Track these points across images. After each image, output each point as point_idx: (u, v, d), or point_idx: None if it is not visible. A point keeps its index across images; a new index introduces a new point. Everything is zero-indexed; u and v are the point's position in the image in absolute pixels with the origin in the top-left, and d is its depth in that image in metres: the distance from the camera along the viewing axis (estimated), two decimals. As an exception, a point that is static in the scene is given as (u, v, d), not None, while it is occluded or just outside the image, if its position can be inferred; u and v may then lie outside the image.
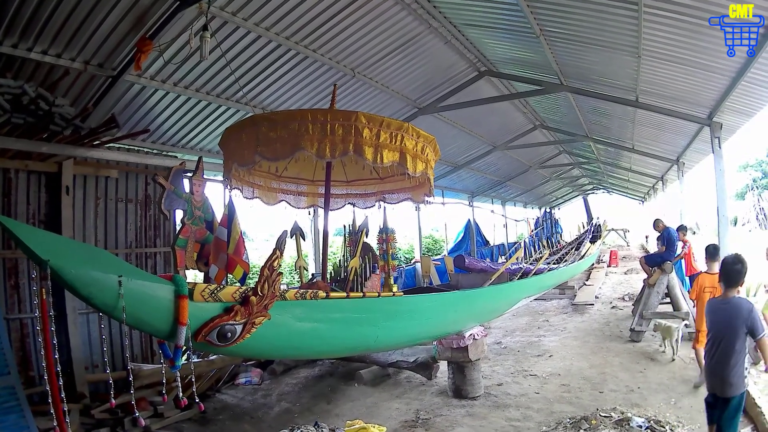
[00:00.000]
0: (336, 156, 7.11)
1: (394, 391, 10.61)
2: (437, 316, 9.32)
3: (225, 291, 5.58)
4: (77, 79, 9.45)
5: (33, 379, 9.10)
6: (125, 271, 4.82)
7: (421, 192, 10.11)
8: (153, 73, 10.28)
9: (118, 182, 10.98)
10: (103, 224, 10.73)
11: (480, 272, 15.33)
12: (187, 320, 5.09)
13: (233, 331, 5.55)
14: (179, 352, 5.22)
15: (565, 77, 15.20)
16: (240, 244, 9.95)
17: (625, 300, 19.79)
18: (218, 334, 5.47)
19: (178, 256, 9.65)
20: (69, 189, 9.84)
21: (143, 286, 4.96)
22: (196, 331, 5.34)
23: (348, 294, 7.49)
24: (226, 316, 5.49)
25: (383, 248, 9.88)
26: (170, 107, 11.42)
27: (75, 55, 9.00)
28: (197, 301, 5.32)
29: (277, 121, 7.15)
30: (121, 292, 4.63)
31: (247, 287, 5.82)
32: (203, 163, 10.63)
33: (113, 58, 9.36)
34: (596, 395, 9.61)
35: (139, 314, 4.94)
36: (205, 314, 5.42)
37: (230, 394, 10.97)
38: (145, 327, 5.31)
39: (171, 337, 5.17)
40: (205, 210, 10.35)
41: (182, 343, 5.13)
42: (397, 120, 7.72)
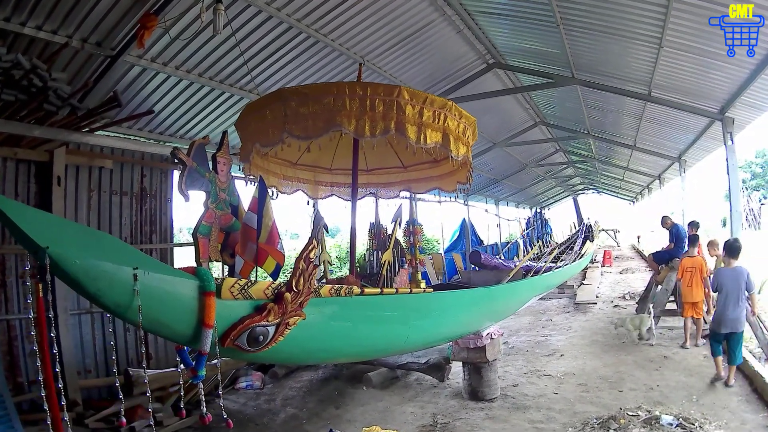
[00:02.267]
0: (376, 134, 6.47)
1: (406, 394, 10.16)
2: (463, 314, 8.84)
3: (256, 287, 4.84)
4: (73, 59, 8.92)
5: (22, 385, 8.66)
6: (141, 263, 4.03)
7: (452, 180, 9.67)
8: (154, 54, 9.72)
9: (113, 173, 10.49)
10: (96, 218, 10.25)
11: (493, 269, 14.93)
12: (214, 322, 4.35)
13: (265, 333, 4.82)
14: (203, 360, 4.51)
15: (577, 70, 14.91)
16: (274, 231, 8.70)
17: (626, 299, 19.58)
18: (249, 338, 4.73)
19: (200, 245, 8.06)
20: (60, 180, 9.31)
21: (162, 281, 4.19)
22: (223, 334, 4.61)
23: (382, 290, 6.84)
24: (257, 316, 4.75)
25: (410, 241, 9.32)
26: (171, 92, 10.86)
27: (72, 32, 8.44)
28: (225, 299, 4.57)
29: (308, 95, 6.50)
30: (136, 288, 3.89)
31: (280, 282, 5.06)
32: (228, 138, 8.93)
33: (113, 36, 8.83)
34: (616, 394, 9.31)
35: (158, 315, 4.20)
36: (234, 314, 4.68)
37: (231, 399, 10.42)
38: (164, 331, 4.51)
39: (194, 342, 4.43)
40: (231, 193, 8.72)
41: (207, 349, 4.41)
42: (440, 97, 7.09)
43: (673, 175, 25.56)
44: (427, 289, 7.96)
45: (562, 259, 20.47)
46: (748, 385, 9.37)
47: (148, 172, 11.03)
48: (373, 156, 10.37)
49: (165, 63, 9.99)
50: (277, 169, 9.65)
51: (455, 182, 9.57)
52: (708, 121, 15.24)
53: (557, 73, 15.58)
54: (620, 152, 27.10)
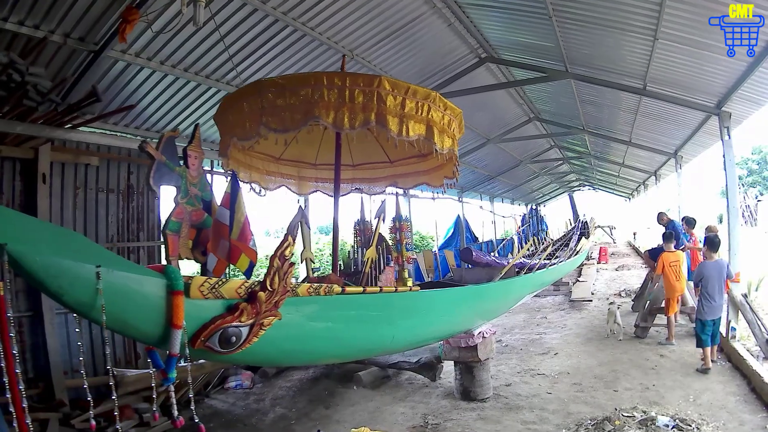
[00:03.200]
0: (356, 127, 6.27)
1: (397, 394, 10.07)
2: (452, 312, 8.64)
3: (228, 285, 4.64)
4: (56, 54, 8.72)
5: (3, 385, 8.30)
6: (105, 261, 3.88)
7: (439, 174, 9.47)
8: (138, 49, 9.53)
9: (99, 170, 10.32)
10: (82, 216, 10.09)
11: (485, 266, 14.79)
12: (182, 322, 4.18)
13: (238, 334, 4.62)
14: (173, 362, 4.34)
15: (571, 63, 14.70)
16: (246, 227, 8.23)
17: (621, 296, 19.49)
18: (220, 339, 4.54)
19: (170, 242, 7.78)
20: (46, 177, 9.13)
21: (128, 280, 4.04)
22: (193, 336, 4.43)
23: (365, 289, 6.56)
24: (229, 316, 4.56)
25: (397, 238, 9.15)
26: (156, 88, 10.67)
27: (54, 27, 8.26)
28: (195, 298, 4.39)
29: (286, 86, 6.31)
30: (99, 286, 3.72)
31: (254, 281, 4.86)
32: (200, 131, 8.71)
33: (96, 31, 8.64)
34: (611, 394, 9.27)
35: (123, 315, 4.05)
36: (204, 314, 4.49)
37: (220, 399, 10.37)
38: (130, 331, 4.38)
39: (162, 343, 4.26)
40: (203, 188, 8.45)
41: (176, 351, 4.24)
42: (423, 87, 6.90)
43: (669, 171, 25.46)
44: (413, 288, 7.76)
45: (557, 255, 20.37)
46: (746, 384, 9.27)
47: (135, 169, 10.87)
48: (359, 151, 10.19)
49: (149, 58, 9.79)
50: (260, 165, 9.48)
51: (442, 177, 9.39)
52: (704, 115, 15.07)
53: (551, 67, 15.39)
54: (616, 148, 26.98)
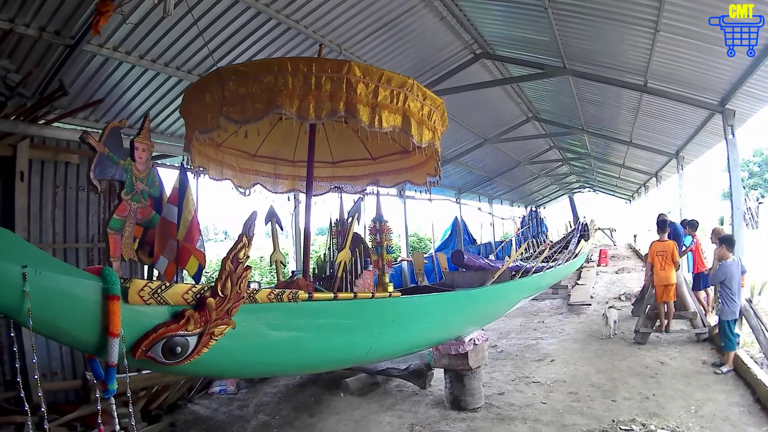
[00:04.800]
0: (322, 117, 5.83)
1: (385, 402, 9.72)
2: (438, 319, 8.15)
3: (173, 290, 4.21)
4: (32, 49, 8.50)
5: None
6: (34, 261, 3.53)
7: (422, 172, 9.10)
8: (116, 43, 9.29)
9: (80, 168, 10.02)
10: (62, 215, 9.85)
11: (478, 270, 14.46)
12: (119, 330, 3.79)
13: (184, 344, 4.21)
14: (112, 373, 3.92)
15: (569, 59, 14.46)
16: (193, 227, 7.72)
17: (621, 300, 19.22)
18: (164, 349, 4.14)
19: (111, 242, 7.28)
20: (24, 175, 8.90)
21: (58, 282, 3.64)
22: (133, 345, 4.04)
23: (336, 295, 6.01)
24: (174, 324, 4.15)
25: (377, 240, 8.64)
26: (136, 84, 10.44)
27: (29, 20, 8.04)
28: (134, 304, 4.00)
29: (247, 73, 5.91)
30: (25, 289, 3.36)
31: (203, 286, 4.43)
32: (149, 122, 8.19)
33: (71, 24, 8.38)
34: (609, 404, 8.88)
35: (54, 320, 3.67)
36: (145, 322, 4.10)
37: (203, 404, 10.03)
38: (64, 338, 3.94)
39: (99, 351, 3.90)
40: (151, 183, 7.95)
41: (114, 360, 3.84)
42: (399, 74, 6.42)
43: (670, 172, 25.34)
44: (393, 294, 7.19)
45: (556, 258, 20.09)
46: (750, 394, 8.93)
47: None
48: (339, 147, 9.80)
49: (128, 52, 9.56)
50: (233, 162, 9.08)
51: (425, 175, 8.99)
52: (707, 113, 14.87)
53: (548, 63, 15.13)
54: (616, 149, 26.78)
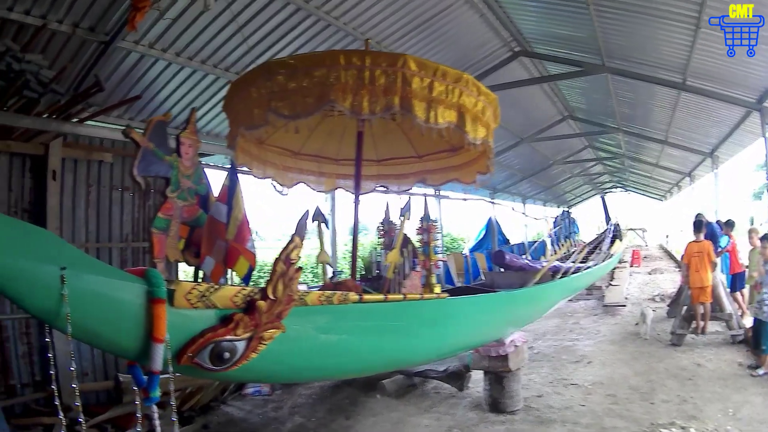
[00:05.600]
0: (377, 112, 5.60)
1: (422, 404, 9.56)
2: (483, 321, 8.03)
3: (221, 293, 3.99)
4: (65, 46, 8.41)
5: (13, 388, 8.21)
6: (73, 262, 3.31)
7: (471, 170, 8.81)
8: (152, 40, 9.20)
9: (113, 167, 9.96)
10: (95, 214, 9.73)
11: (518, 270, 14.28)
12: (164, 335, 3.59)
13: (233, 349, 3.99)
14: (156, 380, 3.75)
15: (608, 57, 14.30)
16: (244, 226, 7.14)
17: (656, 300, 18.95)
18: (212, 355, 3.93)
19: (155, 242, 6.73)
20: (56, 174, 8.79)
21: (99, 285, 3.41)
22: (179, 350, 3.83)
23: (386, 296, 5.88)
24: (222, 328, 3.93)
25: (424, 240, 8.42)
26: (172, 82, 10.35)
27: (62, 17, 7.94)
28: (181, 308, 3.78)
29: (298, 67, 5.70)
30: (64, 292, 3.14)
31: (253, 288, 4.20)
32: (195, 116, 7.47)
33: (106, 20, 8.29)
34: (648, 407, 8.68)
35: (94, 326, 3.45)
36: (192, 326, 3.88)
37: (237, 406, 9.89)
38: (104, 344, 3.79)
39: (142, 357, 3.68)
40: (198, 180, 7.33)
41: (158, 367, 3.65)
42: (454, 69, 6.20)
43: (704, 172, 25.05)
44: (441, 295, 7.09)
45: (590, 259, 19.88)
46: (788, 397, 8.76)
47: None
48: (384, 145, 9.56)
49: (164, 49, 9.48)
50: (276, 160, 8.86)
51: (475, 173, 8.69)
52: (744, 111, 14.71)
53: (587, 60, 14.99)
54: (650, 148, 26.49)
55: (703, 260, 12.52)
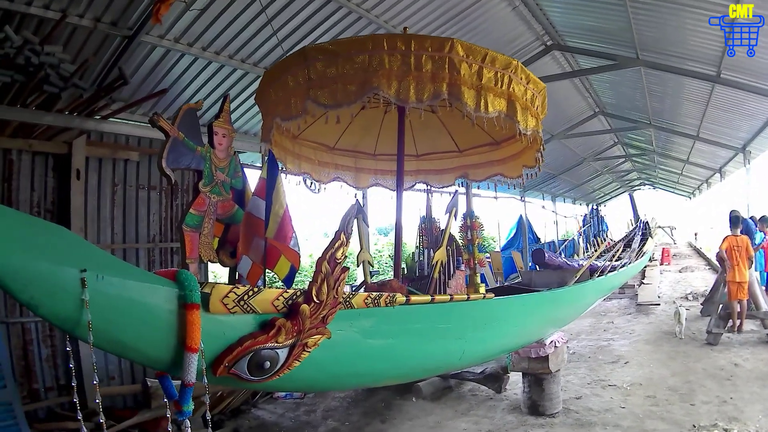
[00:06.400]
0: (424, 100, 5.24)
1: (459, 407, 9.37)
2: (527, 321, 7.72)
3: (261, 297, 3.62)
4: (88, 40, 8.22)
5: (37, 392, 8.08)
6: (95, 263, 2.97)
7: (517, 164, 8.48)
8: (178, 34, 8.98)
9: (140, 166, 9.82)
10: (121, 214, 9.58)
11: (557, 269, 14.04)
12: (199, 344, 3.23)
13: (274, 358, 3.65)
14: (188, 393, 3.35)
15: (642, 50, 14.01)
16: (285, 223, 6.61)
17: (688, 299, 18.79)
18: (251, 364, 3.57)
19: (187, 241, 6.16)
20: (80, 173, 8.64)
21: (125, 289, 3.04)
22: (215, 360, 3.49)
23: (433, 297, 5.44)
24: (263, 335, 3.58)
25: (467, 237, 8.07)
26: (200, 77, 10.13)
27: (83, 11, 7.73)
28: (217, 313, 3.42)
29: (338, 52, 5.37)
30: (84, 297, 2.81)
31: (296, 291, 3.85)
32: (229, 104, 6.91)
33: (129, 14, 8.09)
34: (688, 408, 8.59)
35: (119, 334, 3.12)
36: (229, 333, 3.53)
37: (268, 409, 9.72)
38: (130, 354, 3.39)
39: (174, 368, 3.34)
40: (233, 173, 6.72)
41: (192, 379, 3.27)
42: (503, 54, 5.92)
43: (734, 168, 24.83)
44: (487, 295, 6.66)
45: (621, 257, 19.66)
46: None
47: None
48: (424, 139, 9.29)
49: (190, 43, 9.24)
50: (311, 155, 8.65)
51: (521, 166, 8.31)
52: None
53: (621, 53, 14.73)
54: (680, 144, 26.10)
55: (741, 255, 12.39)
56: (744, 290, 12.40)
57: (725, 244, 13.05)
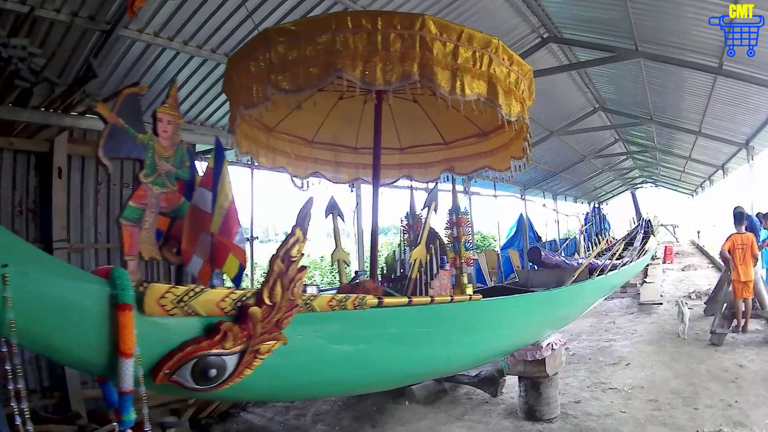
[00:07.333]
0: (392, 82, 4.81)
1: (453, 411, 9.16)
2: (520, 323, 7.50)
3: (205, 297, 3.39)
4: (66, 36, 8.04)
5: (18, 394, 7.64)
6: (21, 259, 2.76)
7: (504, 156, 8.05)
8: (157, 27, 8.75)
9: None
10: (105, 214, 9.32)
11: (554, 268, 13.84)
12: (133, 348, 2.98)
13: (221, 365, 3.36)
14: (127, 401, 3.12)
15: (641, 41, 13.83)
16: (231, 216, 5.76)
17: (692, 298, 18.48)
18: (195, 372, 3.28)
19: (125, 236, 5.53)
20: (62, 171, 8.45)
21: (52, 287, 2.88)
22: (154, 367, 3.21)
23: (410, 299, 5.19)
24: (207, 340, 3.29)
25: (454, 234, 7.60)
26: (183, 72, 9.91)
27: (59, 6, 7.53)
28: (153, 315, 3.17)
29: (300, 33, 4.95)
30: (6, 294, 2.57)
31: (246, 292, 3.55)
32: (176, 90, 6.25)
33: (107, 7, 7.86)
34: (692, 413, 8.30)
35: (46, 335, 2.91)
36: (168, 337, 3.25)
37: (258, 413, 9.50)
38: (61, 357, 3.27)
39: (110, 374, 3.13)
40: (179, 163, 6.18)
41: (128, 387, 3.05)
42: (481, 32, 5.46)
43: (737, 164, 24.73)
44: (474, 296, 6.43)
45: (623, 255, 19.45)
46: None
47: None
48: (408, 131, 8.90)
49: (170, 37, 9.03)
50: (287, 148, 8.28)
51: (509, 158, 7.87)
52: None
53: (619, 45, 14.56)
54: (683, 140, 25.98)
55: (746, 253, 12.20)
56: (749, 289, 12.23)
57: (728, 243, 12.84)
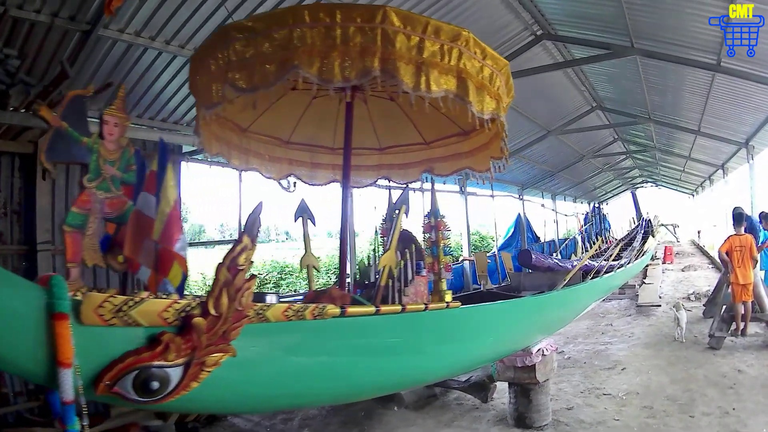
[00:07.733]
0: (352, 78, 4.63)
1: (442, 417, 9.04)
2: (505, 330, 7.27)
3: (145, 307, 3.25)
4: (47, 37, 7.94)
5: (6, 396, 7.90)
6: None
7: (484, 156, 7.79)
8: (139, 27, 8.63)
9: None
10: (92, 216, 9.07)
11: (546, 271, 13.68)
12: (71, 358, 2.91)
13: (164, 377, 3.23)
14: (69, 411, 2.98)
15: (636, 37, 13.70)
16: (172, 222, 5.41)
17: (691, 300, 18.33)
18: (136, 384, 3.17)
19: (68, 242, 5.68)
20: (46, 173, 8.20)
21: None
22: (95, 377, 3.10)
23: (378, 307, 4.95)
24: (148, 352, 3.18)
25: (431, 239, 7.37)
26: (166, 73, 9.78)
27: (39, 6, 7.42)
28: (91, 325, 3.07)
29: (256, 29, 4.77)
30: None
31: (189, 301, 3.42)
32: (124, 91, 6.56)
33: (87, 7, 7.75)
34: (687, 421, 8.11)
35: None
36: (109, 348, 3.15)
37: (244, 417, 9.39)
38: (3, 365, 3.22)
39: (50, 382, 3.00)
40: (125, 167, 6.19)
41: (68, 397, 2.94)
42: (450, 24, 5.30)
43: (737, 164, 24.64)
44: (452, 303, 6.14)
45: (621, 256, 19.30)
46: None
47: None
48: (387, 131, 8.68)
49: (152, 37, 8.91)
50: (261, 149, 8.08)
51: (488, 158, 7.63)
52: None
53: (615, 42, 14.43)
54: (682, 139, 25.93)
55: (744, 255, 12.05)
56: (748, 292, 12.11)
57: (726, 245, 12.71)
